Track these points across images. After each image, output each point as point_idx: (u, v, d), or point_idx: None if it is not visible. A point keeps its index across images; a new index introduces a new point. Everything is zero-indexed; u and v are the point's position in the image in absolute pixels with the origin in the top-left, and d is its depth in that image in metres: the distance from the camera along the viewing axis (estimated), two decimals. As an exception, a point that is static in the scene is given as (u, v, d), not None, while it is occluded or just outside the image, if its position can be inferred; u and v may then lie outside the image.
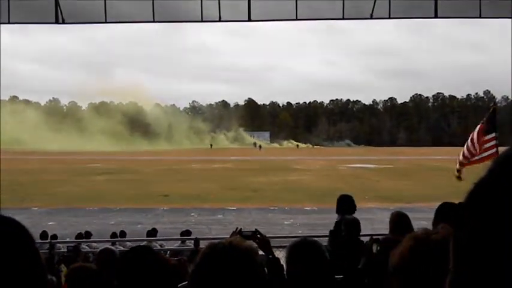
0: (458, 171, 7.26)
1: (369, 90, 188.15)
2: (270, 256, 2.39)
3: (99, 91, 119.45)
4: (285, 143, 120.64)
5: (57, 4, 9.13)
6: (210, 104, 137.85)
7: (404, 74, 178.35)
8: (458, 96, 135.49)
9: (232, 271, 1.16)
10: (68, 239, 10.47)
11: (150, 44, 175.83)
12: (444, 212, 4.66)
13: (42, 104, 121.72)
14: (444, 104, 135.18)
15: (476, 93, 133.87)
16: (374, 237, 3.46)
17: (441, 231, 1.55)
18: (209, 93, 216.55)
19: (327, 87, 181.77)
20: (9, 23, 9.71)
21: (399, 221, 5.31)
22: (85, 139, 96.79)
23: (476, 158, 6.97)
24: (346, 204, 5.68)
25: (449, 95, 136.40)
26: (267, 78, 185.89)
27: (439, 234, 1.49)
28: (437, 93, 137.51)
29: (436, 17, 7.36)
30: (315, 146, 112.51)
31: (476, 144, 6.94)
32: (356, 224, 4.97)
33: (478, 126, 7.14)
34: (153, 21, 9.05)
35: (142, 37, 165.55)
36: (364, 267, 2.97)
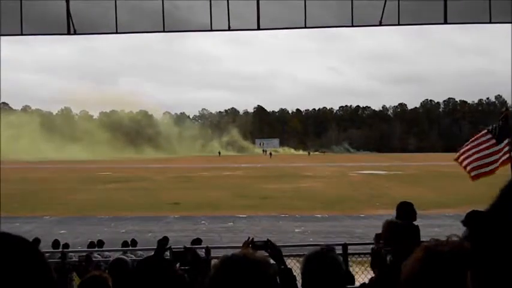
0: (475, 175, 7.09)
1: (378, 96, 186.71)
2: (282, 266, 2.39)
3: (108, 100, 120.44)
4: (294, 150, 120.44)
5: (68, 15, 9.26)
6: (220, 112, 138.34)
7: (411, 79, 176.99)
8: (470, 101, 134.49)
9: (246, 283, 1.17)
10: (79, 248, 10.55)
11: (151, 53, 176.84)
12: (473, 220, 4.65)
13: (54, 113, 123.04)
14: (455, 109, 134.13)
15: (488, 98, 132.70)
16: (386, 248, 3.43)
17: (451, 241, 1.54)
18: (216, 101, 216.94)
19: (333, 93, 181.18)
20: (22, 34, 9.88)
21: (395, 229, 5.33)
22: (95, 148, 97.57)
23: (493, 166, 6.85)
24: (405, 211, 5.65)
25: (460, 100, 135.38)
26: (272, 85, 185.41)
27: (449, 245, 1.49)
28: (449, 98, 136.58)
29: (445, 22, 7.33)
30: (325, 153, 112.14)
31: (487, 150, 6.84)
32: (416, 231, 4.99)
33: (484, 131, 7.05)
34: (163, 31, 9.15)
35: (142, 46, 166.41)
36: (379, 279, 2.95)
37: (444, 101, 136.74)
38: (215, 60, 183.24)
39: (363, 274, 6.23)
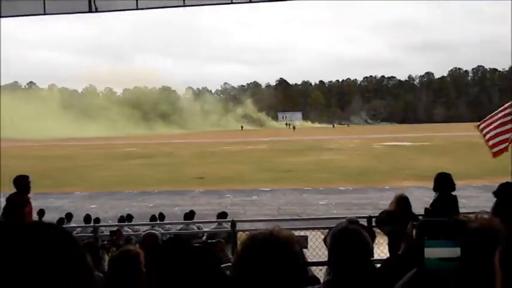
0: (496, 151, 6.94)
1: (403, 66, 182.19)
2: None
3: (130, 77, 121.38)
4: (318, 123, 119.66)
5: (89, -7, 9.31)
6: (242, 86, 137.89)
7: (437, 47, 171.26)
8: (500, 68, 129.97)
9: (273, 260, 1.21)
10: (110, 222, 10.90)
11: (166, 28, 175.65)
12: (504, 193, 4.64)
13: (80, 91, 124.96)
14: (484, 78, 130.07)
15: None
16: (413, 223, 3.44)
17: (480, 218, 1.55)
18: (237, 75, 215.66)
19: (356, 64, 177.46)
20: (44, 14, 10.00)
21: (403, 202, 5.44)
22: (116, 124, 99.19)
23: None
24: (443, 182, 5.69)
25: (489, 68, 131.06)
26: (293, 57, 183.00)
27: (478, 222, 1.50)
28: (478, 66, 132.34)
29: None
30: (349, 125, 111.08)
31: (509, 125, 6.66)
32: (454, 202, 5.05)
33: (509, 103, 6.85)
34: (184, 6, 9.12)
35: (155, 21, 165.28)
36: (405, 254, 2.97)
37: (473, 69, 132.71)
38: (231, 34, 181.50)
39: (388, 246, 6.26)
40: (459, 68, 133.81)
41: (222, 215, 9.12)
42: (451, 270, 1.50)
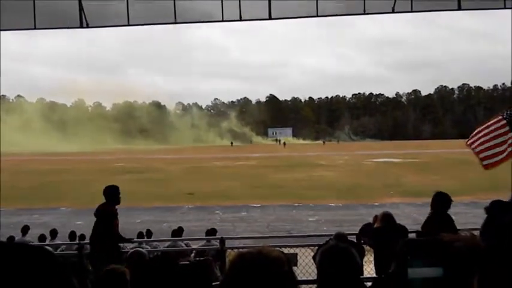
0: (488, 163, 6.94)
1: (391, 83, 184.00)
2: None
3: (119, 91, 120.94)
4: (306, 139, 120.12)
5: (80, 8, 9.31)
6: (232, 102, 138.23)
7: (423, 65, 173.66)
8: (485, 87, 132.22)
9: (262, 280, 1.18)
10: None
11: (157, 43, 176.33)
12: (495, 210, 4.70)
13: (69, 105, 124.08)
14: (470, 96, 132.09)
15: (504, 84, 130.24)
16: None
17: (464, 238, 1.54)
18: (227, 91, 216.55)
19: (345, 81, 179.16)
20: (35, 28, 9.96)
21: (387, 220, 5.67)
22: (109, 138, 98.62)
23: (504, 154, 6.69)
24: (439, 201, 5.84)
25: (475, 86, 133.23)
26: (283, 74, 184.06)
27: (462, 242, 1.49)
28: (463, 84, 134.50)
29: (459, 9, 7.19)
30: (339, 141, 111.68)
31: (500, 138, 6.67)
32: (448, 221, 5.20)
33: (499, 117, 6.86)
34: (175, 23, 9.15)
35: (146, 37, 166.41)
36: (396, 271, 2.94)
37: (459, 87, 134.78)
38: (223, 50, 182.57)
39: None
40: (445, 86, 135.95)
41: (211, 231, 9.02)
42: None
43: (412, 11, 7.22)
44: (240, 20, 8.23)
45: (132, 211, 18.64)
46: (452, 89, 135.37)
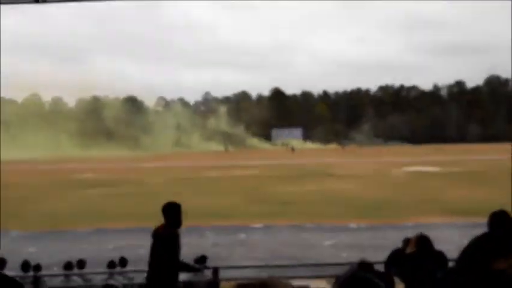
0: None
1: (426, 72, 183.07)
2: None
3: (85, 84, 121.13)
4: (322, 143, 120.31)
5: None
6: (227, 97, 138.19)
7: (469, 51, 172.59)
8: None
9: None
10: (55, 269, 10.69)
11: (126, 23, 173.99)
12: None
13: (20, 102, 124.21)
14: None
15: None
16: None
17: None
18: (220, 84, 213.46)
19: (367, 70, 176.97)
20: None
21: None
22: (72, 143, 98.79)
23: None
24: (500, 221, 5.72)
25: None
26: (290, 62, 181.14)
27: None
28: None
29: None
30: (361, 146, 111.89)
31: None
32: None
33: None
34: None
35: (112, 15, 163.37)
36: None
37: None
38: (211, 30, 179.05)
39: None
40: (497, 76, 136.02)
41: (201, 259, 9.01)
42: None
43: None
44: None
45: (102, 234, 18.69)
46: (506, 79, 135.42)
